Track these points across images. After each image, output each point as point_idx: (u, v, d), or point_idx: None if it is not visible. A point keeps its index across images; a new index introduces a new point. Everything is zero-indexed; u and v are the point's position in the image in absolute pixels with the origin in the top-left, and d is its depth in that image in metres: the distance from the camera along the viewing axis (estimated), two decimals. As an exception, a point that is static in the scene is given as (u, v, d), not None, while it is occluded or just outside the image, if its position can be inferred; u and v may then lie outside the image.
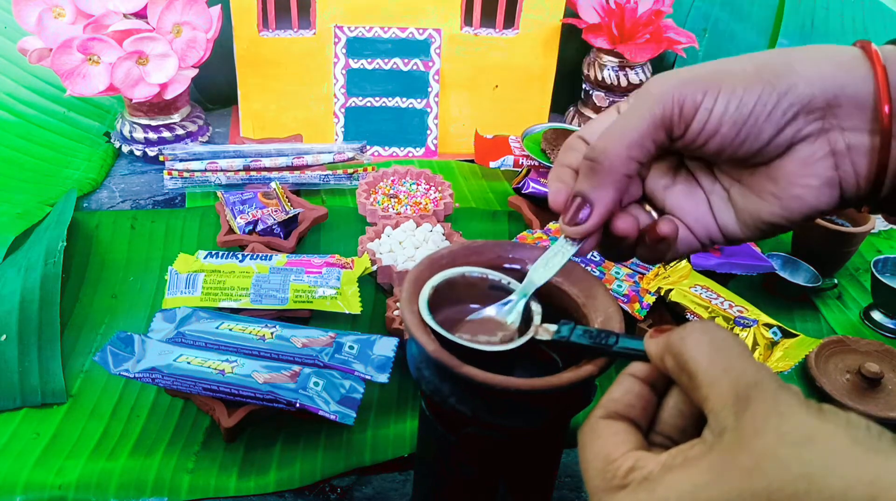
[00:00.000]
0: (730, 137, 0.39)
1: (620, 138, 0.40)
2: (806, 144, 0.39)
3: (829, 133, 0.39)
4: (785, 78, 0.38)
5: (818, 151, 0.39)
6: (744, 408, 0.30)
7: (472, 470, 0.47)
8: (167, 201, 0.98)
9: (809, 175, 0.39)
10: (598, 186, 0.40)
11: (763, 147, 0.39)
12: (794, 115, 0.38)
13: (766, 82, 0.38)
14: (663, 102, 0.39)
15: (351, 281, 0.76)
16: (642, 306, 0.75)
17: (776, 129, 0.38)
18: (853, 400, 0.72)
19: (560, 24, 1.08)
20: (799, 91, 0.38)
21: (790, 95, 0.38)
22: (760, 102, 0.38)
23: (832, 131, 0.39)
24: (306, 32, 1.06)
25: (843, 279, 0.91)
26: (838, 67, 0.38)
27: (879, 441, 0.28)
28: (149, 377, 0.62)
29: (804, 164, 0.39)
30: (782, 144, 0.39)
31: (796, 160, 0.39)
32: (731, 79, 0.38)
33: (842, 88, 0.38)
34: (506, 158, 1.01)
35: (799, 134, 0.39)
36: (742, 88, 0.38)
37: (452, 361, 0.39)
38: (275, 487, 0.61)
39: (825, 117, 0.38)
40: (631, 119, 0.40)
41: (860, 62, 0.38)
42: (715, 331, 0.34)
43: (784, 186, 0.40)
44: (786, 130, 0.39)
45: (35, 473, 0.61)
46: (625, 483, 0.33)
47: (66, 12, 0.95)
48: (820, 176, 0.39)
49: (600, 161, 0.40)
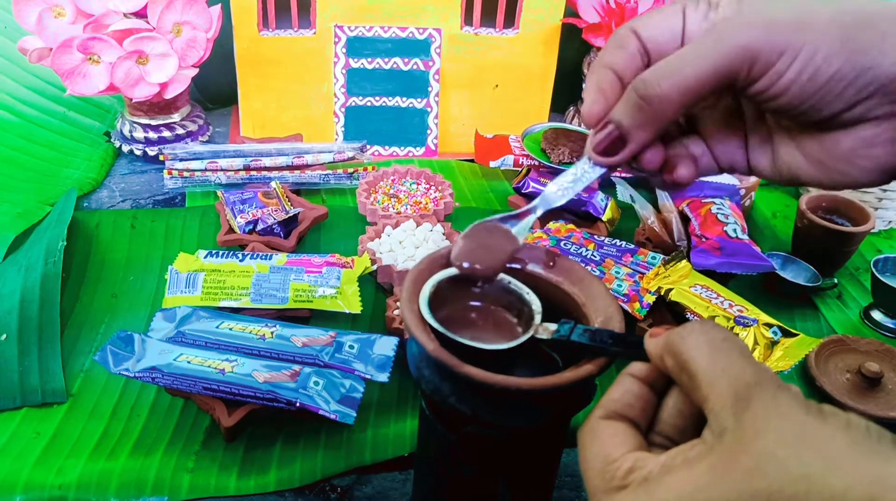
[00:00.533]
0: (794, 103, 0.36)
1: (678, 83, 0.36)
2: (872, 125, 0.37)
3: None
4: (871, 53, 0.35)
5: (882, 134, 0.37)
6: (744, 408, 0.30)
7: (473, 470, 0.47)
8: (167, 200, 0.98)
9: (866, 157, 0.37)
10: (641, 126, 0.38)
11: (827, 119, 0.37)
12: (868, 94, 0.35)
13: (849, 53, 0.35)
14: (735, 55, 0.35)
15: (351, 280, 0.76)
16: (642, 306, 0.75)
17: (846, 105, 0.36)
18: (853, 400, 0.72)
19: (560, 23, 1.08)
20: (882, 71, 0.35)
21: (871, 73, 0.35)
22: (837, 76, 0.35)
23: None
24: (306, 32, 1.06)
25: (843, 279, 0.91)
26: None
27: (879, 442, 0.28)
28: (149, 376, 0.62)
29: (864, 144, 0.37)
30: (848, 120, 0.37)
31: (857, 138, 0.37)
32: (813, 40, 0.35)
33: None
34: (506, 157, 1.01)
35: (868, 113, 0.36)
36: (822, 56, 0.35)
37: (452, 360, 0.39)
38: (275, 486, 0.61)
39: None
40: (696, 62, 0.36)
41: None
42: (715, 331, 0.34)
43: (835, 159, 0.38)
44: (856, 108, 0.36)
45: (35, 472, 0.61)
46: (624, 483, 0.32)
47: (66, 12, 0.95)
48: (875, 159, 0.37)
49: (651, 102, 0.37)
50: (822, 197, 0.90)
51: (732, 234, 0.84)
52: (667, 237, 0.88)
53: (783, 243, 0.96)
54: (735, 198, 0.93)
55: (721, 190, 0.93)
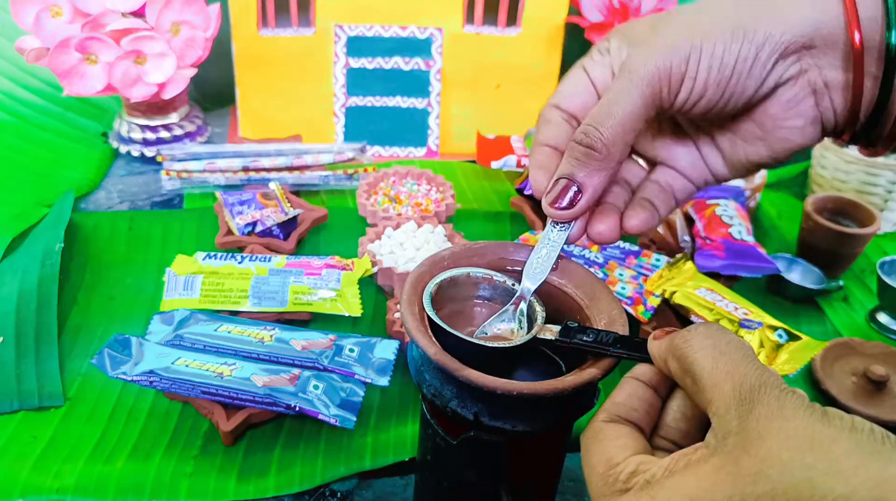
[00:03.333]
0: (715, 99, 0.39)
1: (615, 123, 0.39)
2: (787, 88, 0.39)
3: (807, 73, 0.39)
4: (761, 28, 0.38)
5: (800, 93, 0.39)
6: (748, 411, 0.30)
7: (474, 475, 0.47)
8: (165, 201, 0.97)
9: (793, 117, 0.40)
10: (594, 173, 0.40)
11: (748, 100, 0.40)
12: (773, 63, 0.38)
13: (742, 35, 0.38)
14: (651, 82, 0.38)
15: (351, 283, 0.75)
16: (646, 309, 0.74)
17: (759, 81, 0.39)
18: (859, 403, 0.71)
19: (563, 22, 1.07)
20: (776, 39, 0.38)
21: (767, 45, 0.38)
22: (741, 59, 0.38)
23: (810, 71, 0.39)
24: (306, 31, 1.05)
25: (848, 281, 0.90)
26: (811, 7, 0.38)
27: (883, 444, 0.28)
28: (147, 380, 0.61)
29: (787, 107, 0.40)
30: (765, 92, 0.39)
31: (779, 104, 0.40)
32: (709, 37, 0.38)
33: (816, 28, 0.38)
34: (508, 158, 1.01)
35: (780, 79, 0.39)
36: (721, 48, 0.38)
37: (454, 364, 0.38)
38: (274, 491, 0.60)
39: (802, 58, 0.39)
40: (621, 101, 0.39)
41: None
42: (719, 334, 0.34)
43: (770, 130, 0.41)
44: (768, 80, 0.39)
45: (33, 476, 0.60)
46: (627, 487, 0.33)
47: (63, 11, 0.94)
48: (804, 115, 0.40)
49: (597, 148, 0.39)
50: (828, 198, 0.90)
51: (737, 236, 0.83)
52: (671, 239, 0.87)
53: (788, 244, 0.95)
54: (740, 199, 0.93)
55: (726, 191, 0.93)
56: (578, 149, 0.39)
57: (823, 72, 0.39)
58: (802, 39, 0.38)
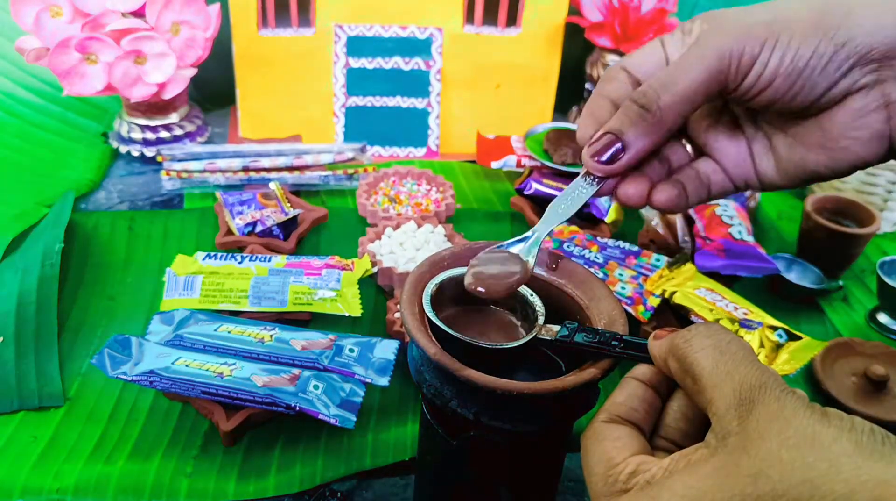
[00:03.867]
0: (783, 91, 0.38)
1: (675, 90, 0.38)
2: (859, 96, 0.38)
3: (884, 84, 0.38)
4: (843, 29, 0.36)
5: (871, 103, 0.38)
6: (748, 412, 0.30)
7: (474, 475, 0.47)
8: (165, 201, 0.97)
9: (860, 128, 0.39)
10: (642, 135, 0.39)
11: (816, 100, 0.38)
12: (849, 67, 0.37)
13: (823, 33, 0.37)
14: (721, 56, 0.38)
15: (351, 283, 0.75)
16: (646, 309, 0.74)
17: (831, 82, 0.38)
18: (859, 403, 0.71)
19: (563, 22, 1.07)
20: (857, 42, 0.36)
21: (847, 47, 0.37)
22: (816, 55, 0.37)
23: (887, 82, 0.38)
24: (306, 31, 1.05)
25: (848, 281, 0.90)
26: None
27: (884, 445, 0.28)
28: (147, 380, 0.61)
29: (856, 116, 0.38)
30: (836, 97, 0.38)
31: (848, 112, 0.38)
32: (789, 28, 0.37)
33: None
34: (508, 158, 1.00)
35: (854, 86, 0.38)
36: (798, 40, 0.37)
37: (454, 364, 0.38)
38: (274, 491, 0.60)
39: (881, 68, 0.37)
40: (687, 70, 0.38)
41: None
42: (719, 334, 0.34)
43: (833, 137, 0.39)
44: (840, 83, 0.38)
45: (32, 477, 0.60)
46: (627, 487, 0.33)
47: (63, 11, 0.94)
48: (871, 128, 0.38)
49: (651, 110, 0.39)
50: (828, 198, 0.90)
51: (737, 236, 0.83)
52: (671, 239, 0.87)
53: (788, 244, 0.95)
54: (740, 200, 0.93)
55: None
56: (633, 108, 0.39)
57: None
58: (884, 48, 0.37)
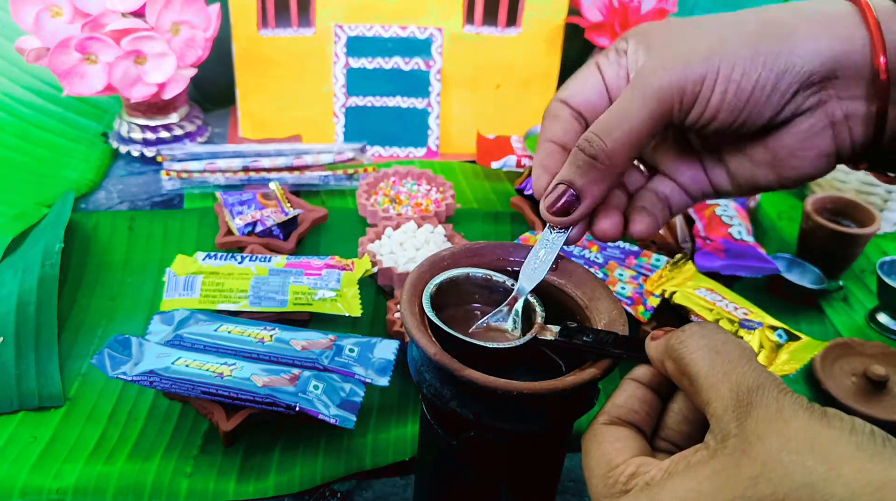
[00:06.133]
0: (728, 122, 0.38)
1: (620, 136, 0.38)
2: (804, 118, 0.38)
3: (826, 104, 0.38)
4: (783, 56, 0.37)
5: (817, 124, 0.38)
6: (746, 413, 0.30)
7: (474, 475, 0.47)
8: (165, 201, 0.97)
9: (807, 148, 0.39)
10: (594, 182, 0.39)
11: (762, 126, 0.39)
12: (793, 94, 0.37)
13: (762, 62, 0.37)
14: (661, 99, 0.38)
15: (351, 283, 0.75)
16: (646, 309, 0.74)
17: (775, 110, 0.38)
18: (859, 403, 0.71)
19: (563, 22, 1.07)
20: (797, 69, 0.37)
21: (789, 74, 0.37)
22: (758, 87, 0.37)
23: (830, 102, 0.38)
24: (306, 31, 1.05)
25: (848, 281, 0.90)
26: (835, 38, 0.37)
27: (884, 446, 0.28)
28: (146, 380, 0.61)
29: (803, 138, 0.39)
30: (783, 121, 0.39)
31: (794, 134, 0.39)
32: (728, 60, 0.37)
33: (839, 60, 0.37)
34: (508, 158, 1.00)
35: (798, 110, 0.38)
36: (739, 72, 0.37)
37: (454, 364, 0.38)
38: (274, 491, 0.60)
39: (822, 89, 0.38)
40: (630, 115, 0.38)
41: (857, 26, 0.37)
42: (714, 334, 0.34)
43: (781, 158, 0.40)
44: (785, 109, 0.38)
45: (32, 477, 0.60)
46: (626, 488, 0.33)
47: (63, 11, 0.94)
48: (817, 148, 0.39)
49: (600, 159, 0.39)
50: (828, 198, 0.90)
51: (737, 236, 0.83)
52: (671, 239, 0.87)
53: (788, 244, 0.95)
54: (740, 200, 0.93)
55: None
56: (581, 157, 0.39)
57: (844, 103, 0.38)
58: (824, 70, 0.37)
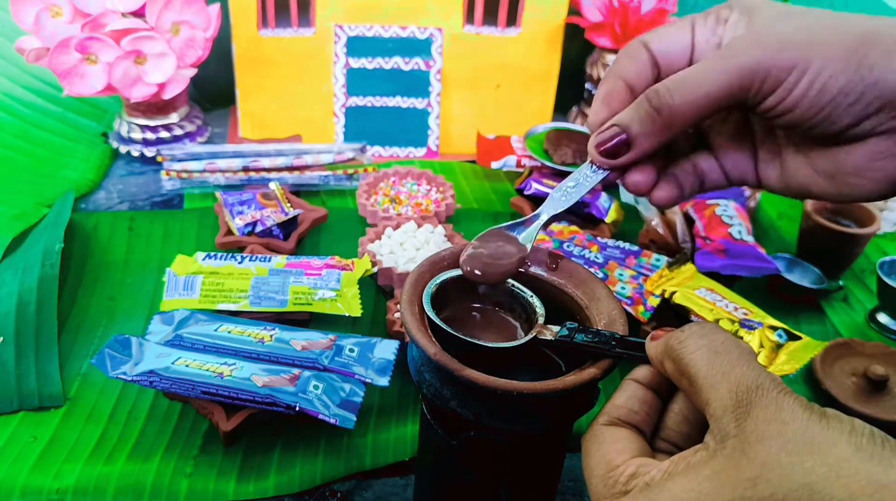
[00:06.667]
0: (804, 119, 0.37)
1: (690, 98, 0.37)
2: (880, 139, 0.37)
3: None
4: (876, 69, 0.35)
5: (892, 148, 0.37)
6: (745, 413, 0.30)
7: (474, 475, 0.47)
8: (165, 201, 0.97)
9: (876, 170, 0.38)
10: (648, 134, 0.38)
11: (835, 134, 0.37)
12: (876, 109, 0.36)
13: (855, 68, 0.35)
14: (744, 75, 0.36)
15: (351, 283, 0.75)
16: (646, 309, 0.74)
17: (855, 120, 0.36)
18: (859, 404, 0.71)
19: (563, 22, 1.07)
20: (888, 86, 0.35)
21: (877, 88, 0.35)
22: (844, 91, 0.36)
23: None
24: (306, 31, 1.05)
25: (848, 281, 0.90)
26: None
27: (883, 448, 0.28)
28: (146, 380, 0.61)
29: (874, 158, 0.37)
30: (856, 135, 0.37)
31: (867, 152, 0.37)
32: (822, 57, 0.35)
33: None
34: (508, 158, 1.00)
35: (877, 128, 0.37)
36: (829, 72, 0.35)
37: (454, 364, 0.38)
38: (274, 491, 0.60)
39: None
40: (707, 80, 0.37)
41: None
42: (713, 334, 0.34)
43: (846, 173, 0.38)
44: (864, 123, 0.36)
45: (32, 477, 0.60)
46: (626, 489, 0.33)
47: (63, 11, 0.94)
48: (885, 171, 0.38)
49: (663, 113, 0.38)
50: (827, 198, 0.89)
51: (737, 236, 0.83)
52: (671, 239, 0.87)
53: (788, 244, 0.95)
54: (740, 200, 0.93)
55: (726, 191, 0.93)
56: (646, 106, 0.38)
57: None
58: None
